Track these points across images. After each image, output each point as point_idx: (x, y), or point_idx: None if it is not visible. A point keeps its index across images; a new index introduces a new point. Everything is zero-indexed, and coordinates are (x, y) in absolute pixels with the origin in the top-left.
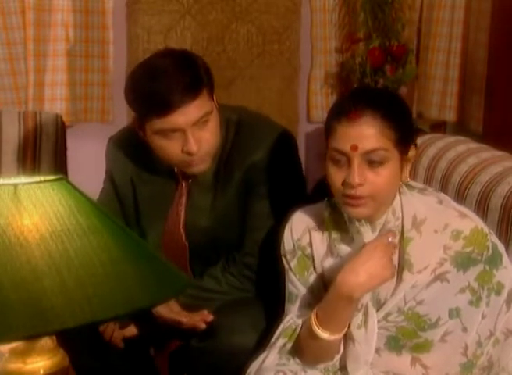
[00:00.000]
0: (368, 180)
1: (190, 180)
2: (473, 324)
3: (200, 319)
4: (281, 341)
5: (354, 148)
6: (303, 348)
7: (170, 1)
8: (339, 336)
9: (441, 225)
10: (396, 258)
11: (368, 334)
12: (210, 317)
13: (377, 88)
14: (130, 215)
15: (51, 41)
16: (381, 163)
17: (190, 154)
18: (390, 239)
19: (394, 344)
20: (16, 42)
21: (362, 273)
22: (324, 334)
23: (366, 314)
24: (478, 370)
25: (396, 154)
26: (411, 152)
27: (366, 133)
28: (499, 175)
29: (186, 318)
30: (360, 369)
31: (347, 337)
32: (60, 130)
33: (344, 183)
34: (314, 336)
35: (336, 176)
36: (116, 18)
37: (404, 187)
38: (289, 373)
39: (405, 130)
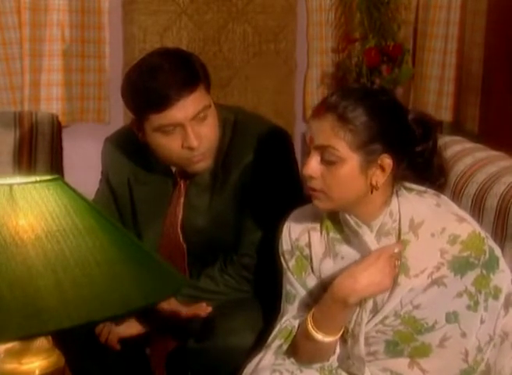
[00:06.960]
0: (320, 175)
1: (188, 181)
2: (472, 329)
3: (200, 309)
4: (277, 343)
5: (311, 140)
6: (299, 349)
7: (166, 1)
8: (333, 338)
9: (438, 229)
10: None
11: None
12: (209, 308)
13: (368, 91)
14: (127, 216)
15: (47, 41)
16: (333, 162)
17: (191, 149)
18: (396, 250)
19: (393, 348)
20: (11, 42)
21: (360, 279)
22: (318, 336)
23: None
24: None
25: (354, 158)
26: (386, 161)
27: (322, 129)
28: (495, 175)
29: (185, 309)
30: (362, 367)
31: (349, 336)
32: (56, 130)
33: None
34: (309, 337)
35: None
36: (112, 18)
37: (403, 189)
38: (285, 372)
39: (371, 137)
